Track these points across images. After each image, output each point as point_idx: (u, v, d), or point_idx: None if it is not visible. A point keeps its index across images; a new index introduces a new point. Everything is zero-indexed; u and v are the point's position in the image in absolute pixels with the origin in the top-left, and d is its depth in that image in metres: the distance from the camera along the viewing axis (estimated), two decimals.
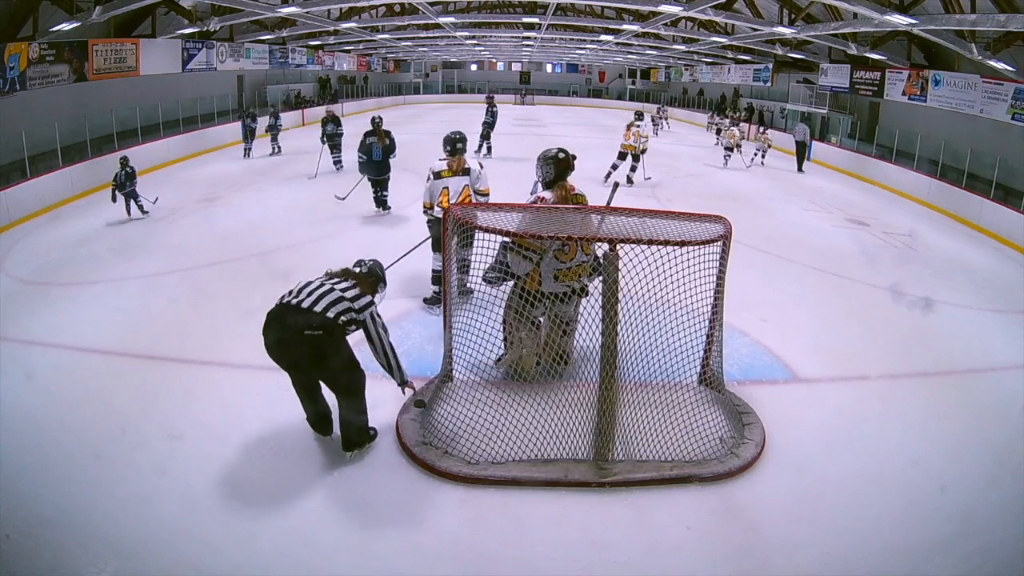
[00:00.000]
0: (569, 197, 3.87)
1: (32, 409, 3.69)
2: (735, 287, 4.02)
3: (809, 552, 2.83)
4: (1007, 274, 7.64)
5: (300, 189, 10.06)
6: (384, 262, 3.67)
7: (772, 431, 3.60)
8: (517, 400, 3.37)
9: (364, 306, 3.10)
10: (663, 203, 9.71)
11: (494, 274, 3.70)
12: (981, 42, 10.03)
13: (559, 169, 3.88)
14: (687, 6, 11.36)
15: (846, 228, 9.07)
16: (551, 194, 3.87)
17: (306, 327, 2.93)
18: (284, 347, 3.02)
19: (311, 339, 2.94)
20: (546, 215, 3.67)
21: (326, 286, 3.09)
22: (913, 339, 5.17)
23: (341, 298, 3.04)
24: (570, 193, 3.90)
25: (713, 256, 3.51)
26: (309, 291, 3.05)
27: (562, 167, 3.87)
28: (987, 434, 3.81)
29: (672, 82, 30.46)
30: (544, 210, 3.77)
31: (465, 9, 17.99)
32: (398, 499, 3.06)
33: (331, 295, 3.04)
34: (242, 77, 18.71)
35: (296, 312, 2.97)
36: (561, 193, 3.85)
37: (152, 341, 4.60)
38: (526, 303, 3.67)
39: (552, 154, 3.90)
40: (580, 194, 3.97)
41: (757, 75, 20.58)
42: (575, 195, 3.92)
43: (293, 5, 12.59)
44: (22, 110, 9.69)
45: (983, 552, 2.89)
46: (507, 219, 3.48)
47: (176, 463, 3.24)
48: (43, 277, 6.09)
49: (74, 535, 2.76)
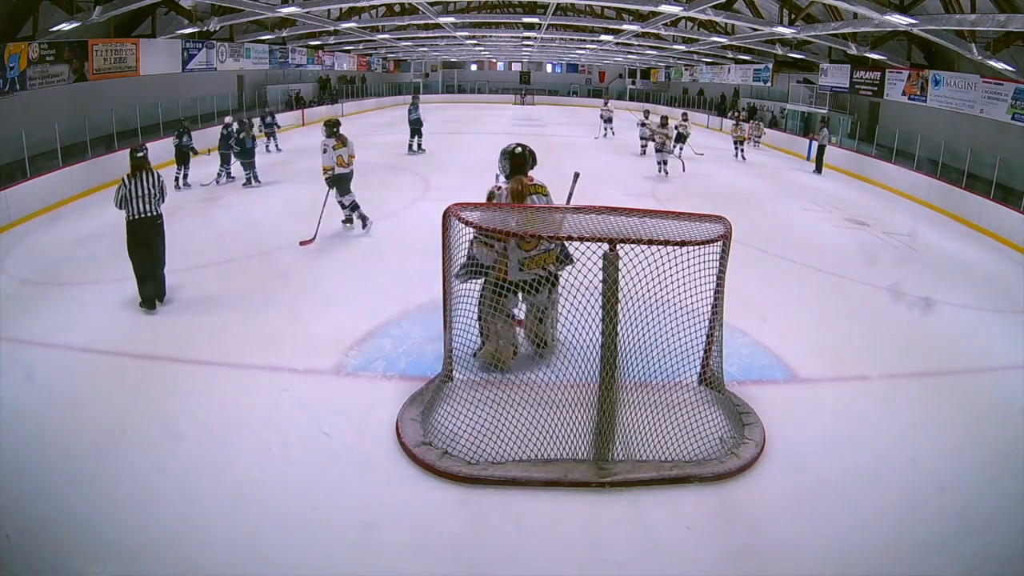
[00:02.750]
0: (525, 188, 4.08)
1: (32, 409, 3.69)
2: (735, 287, 4.02)
3: (809, 552, 2.83)
4: (1007, 274, 7.64)
5: (300, 189, 10.05)
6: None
7: (772, 431, 3.60)
8: (517, 400, 3.38)
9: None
10: (663, 203, 9.70)
11: (465, 271, 3.87)
12: (981, 42, 10.04)
13: (514, 164, 4.12)
14: (687, 6, 11.37)
15: (846, 228, 9.07)
16: (506, 185, 4.16)
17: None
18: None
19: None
20: (520, 212, 3.80)
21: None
22: (913, 339, 5.17)
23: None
24: (526, 185, 4.10)
25: (713, 256, 3.52)
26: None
27: (517, 162, 4.11)
28: (987, 434, 3.81)
29: (672, 82, 30.46)
30: (525, 208, 3.87)
31: (465, 9, 17.99)
32: (398, 499, 3.06)
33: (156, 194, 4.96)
34: (242, 77, 18.72)
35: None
36: (516, 185, 4.08)
37: (152, 341, 4.61)
38: (497, 295, 3.86)
39: (510, 150, 4.15)
40: (539, 184, 4.16)
41: (757, 75, 20.58)
42: (533, 185, 4.12)
43: (293, 5, 12.59)
44: (22, 110, 9.69)
45: (983, 552, 2.89)
46: (500, 218, 3.55)
47: (176, 463, 3.24)
48: (43, 277, 6.09)
49: (74, 535, 2.76)
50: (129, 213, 4.85)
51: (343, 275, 6.01)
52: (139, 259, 4.86)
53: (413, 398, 3.78)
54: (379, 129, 18.92)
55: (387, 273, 5.74)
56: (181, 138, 9.94)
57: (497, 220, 3.65)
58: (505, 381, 3.76)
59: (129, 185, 4.79)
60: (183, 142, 9.92)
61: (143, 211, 4.79)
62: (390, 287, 5.40)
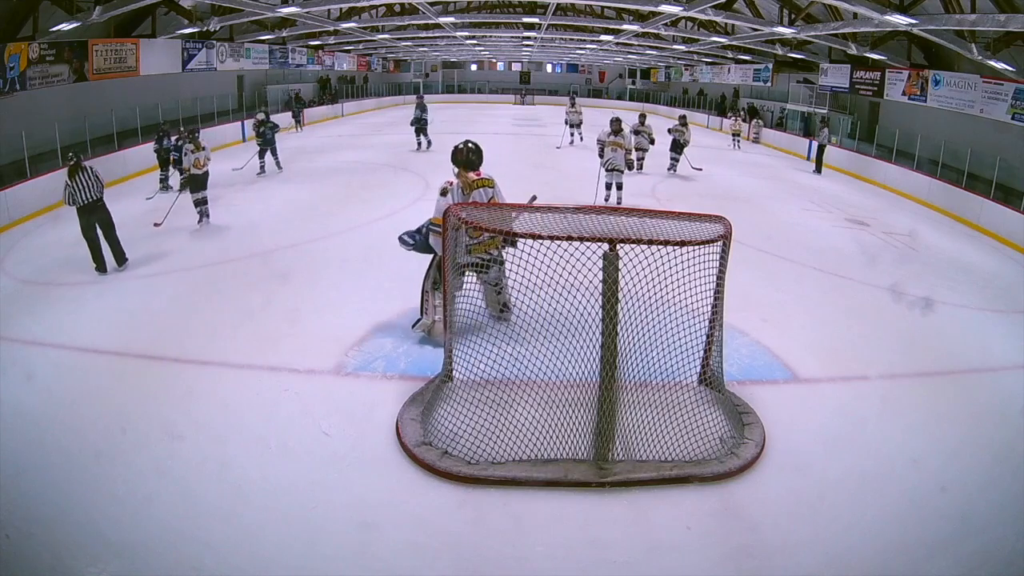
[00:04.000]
0: (471, 181, 4.45)
1: (32, 409, 3.69)
2: (735, 287, 4.02)
3: (809, 552, 2.83)
4: (1007, 274, 7.64)
5: (300, 189, 10.06)
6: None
7: (772, 431, 3.60)
8: (517, 400, 3.38)
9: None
10: (663, 203, 9.70)
11: (410, 242, 4.56)
12: (981, 42, 10.03)
13: (456, 159, 4.48)
14: (687, 6, 11.36)
15: (846, 228, 9.07)
16: (456, 179, 4.51)
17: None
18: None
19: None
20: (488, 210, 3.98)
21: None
22: (913, 339, 5.17)
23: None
24: (474, 180, 4.46)
25: (713, 256, 3.52)
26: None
27: (459, 157, 4.47)
28: (987, 434, 3.81)
29: (672, 82, 30.46)
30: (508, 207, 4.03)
31: (465, 9, 17.98)
32: (398, 499, 3.06)
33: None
34: (242, 77, 18.71)
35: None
36: (463, 179, 4.46)
37: (152, 341, 4.61)
38: (442, 275, 4.25)
39: (456, 147, 4.51)
40: (486, 178, 4.51)
41: (757, 75, 20.58)
42: (480, 179, 4.48)
43: (293, 5, 12.57)
44: (22, 110, 9.68)
45: (983, 552, 2.89)
46: (497, 218, 3.58)
47: (176, 463, 3.24)
48: (43, 277, 6.09)
49: (74, 535, 2.76)
50: (78, 203, 6.05)
51: (343, 275, 6.01)
52: (91, 236, 6.12)
53: (413, 398, 3.78)
54: (379, 129, 18.93)
55: (387, 273, 5.73)
56: (161, 142, 10.10)
57: (494, 219, 3.69)
58: (505, 381, 3.76)
59: (72, 184, 5.99)
60: (163, 145, 10.08)
61: (87, 198, 6.05)
62: (390, 287, 5.39)
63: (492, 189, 4.48)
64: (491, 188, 4.47)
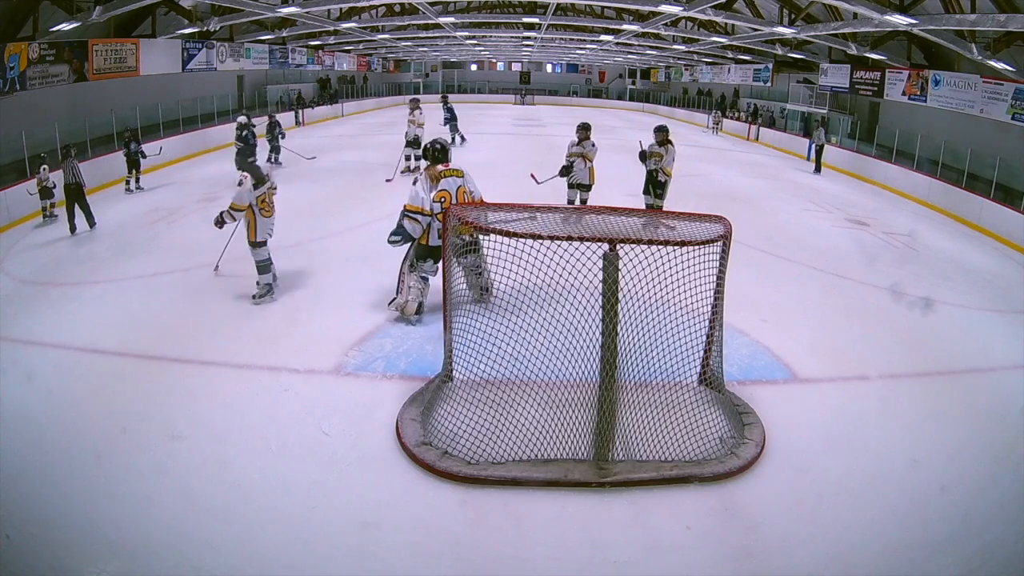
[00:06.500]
0: (438, 173, 4.89)
1: (32, 409, 3.69)
2: (735, 287, 4.02)
3: (809, 552, 2.83)
4: (1007, 274, 7.64)
5: (300, 189, 10.05)
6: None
7: (772, 431, 3.60)
8: (517, 400, 3.37)
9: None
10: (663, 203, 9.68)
11: (396, 238, 4.84)
12: (981, 42, 10.03)
13: (426, 155, 5.09)
14: (687, 6, 11.36)
15: (846, 228, 9.07)
16: (424, 173, 4.98)
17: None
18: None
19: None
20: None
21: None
22: (913, 339, 5.17)
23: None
24: (437, 171, 4.90)
25: (713, 256, 3.52)
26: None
27: (427, 154, 5.07)
28: (987, 434, 3.81)
29: (672, 82, 30.46)
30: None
31: (465, 9, 17.98)
32: (398, 499, 3.06)
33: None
34: (242, 77, 18.72)
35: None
36: (431, 172, 4.94)
37: (152, 341, 4.60)
38: (419, 258, 4.86)
39: (425, 146, 5.12)
40: (455, 168, 4.95)
41: (757, 75, 20.59)
42: (449, 169, 4.91)
43: (293, 5, 12.58)
44: (22, 110, 9.69)
45: (983, 552, 2.89)
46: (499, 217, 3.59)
47: (176, 463, 3.24)
48: (43, 277, 6.09)
49: (74, 535, 2.76)
50: (66, 180, 7.51)
51: (343, 275, 6.00)
52: (72, 205, 7.52)
53: (413, 398, 3.78)
54: (379, 129, 18.91)
55: (387, 273, 5.73)
56: (128, 145, 10.18)
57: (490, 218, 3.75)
58: (505, 381, 3.76)
59: (63, 164, 7.60)
60: (131, 149, 10.18)
61: (71, 180, 7.51)
62: (390, 287, 5.39)
63: (461, 178, 4.91)
64: (460, 177, 4.91)
